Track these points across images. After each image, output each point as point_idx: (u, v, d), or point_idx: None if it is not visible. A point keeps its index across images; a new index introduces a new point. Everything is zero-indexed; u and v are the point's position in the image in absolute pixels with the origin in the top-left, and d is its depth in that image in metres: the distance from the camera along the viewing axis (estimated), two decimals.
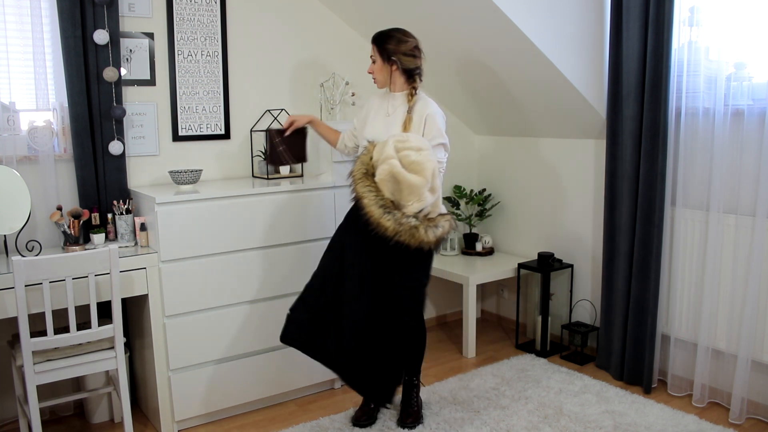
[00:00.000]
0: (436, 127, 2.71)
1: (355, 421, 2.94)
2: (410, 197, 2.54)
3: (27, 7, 2.83)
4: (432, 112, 2.72)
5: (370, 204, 2.53)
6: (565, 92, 3.36)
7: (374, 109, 2.86)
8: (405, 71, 2.74)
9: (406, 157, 2.54)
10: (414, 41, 2.76)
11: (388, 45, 2.73)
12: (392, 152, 2.54)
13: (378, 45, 2.76)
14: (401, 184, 2.52)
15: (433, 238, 2.58)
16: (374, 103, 2.89)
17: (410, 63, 2.74)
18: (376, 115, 2.83)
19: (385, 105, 2.82)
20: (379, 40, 2.76)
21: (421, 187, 2.53)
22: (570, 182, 3.77)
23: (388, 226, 2.51)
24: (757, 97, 2.86)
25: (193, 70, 3.28)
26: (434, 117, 2.71)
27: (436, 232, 2.58)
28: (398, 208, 2.55)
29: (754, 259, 2.85)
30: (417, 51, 2.75)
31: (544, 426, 2.89)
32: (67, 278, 2.46)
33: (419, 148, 2.56)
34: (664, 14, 2.97)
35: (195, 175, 3.03)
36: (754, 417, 2.96)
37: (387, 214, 2.51)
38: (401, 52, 2.72)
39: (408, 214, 2.54)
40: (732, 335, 2.97)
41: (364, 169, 2.61)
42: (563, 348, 3.80)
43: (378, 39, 2.77)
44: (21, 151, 2.88)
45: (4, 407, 3.01)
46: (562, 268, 3.76)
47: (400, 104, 2.77)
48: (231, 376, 3.01)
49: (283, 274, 3.09)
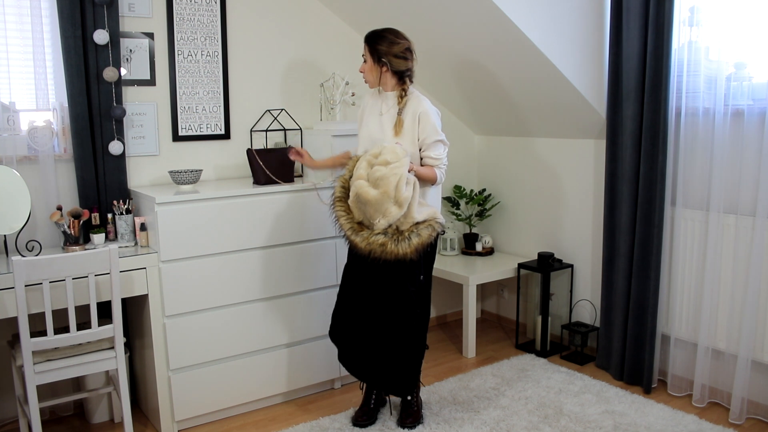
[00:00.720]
0: (430, 124, 2.71)
1: (355, 421, 2.94)
2: (376, 215, 2.56)
3: (27, 7, 2.83)
4: (425, 110, 2.71)
5: (343, 225, 2.64)
6: (565, 92, 3.36)
7: (368, 108, 2.86)
8: (395, 73, 2.73)
9: (374, 173, 2.55)
10: (406, 43, 2.73)
11: (380, 46, 2.71)
12: (362, 171, 2.58)
13: (369, 45, 2.74)
14: (366, 204, 2.55)
15: (409, 249, 2.57)
16: (368, 102, 2.89)
17: (401, 65, 2.72)
18: (371, 114, 2.83)
19: (378, 104, 2.82)
20: (370, 40, 2.74)
21: (382, 202, 2.53)
22: (570, 182, 3.77)
23: (361, 247, 2.58)
24: (757, 97, 2.86)
25: (193, 70, 3.28)
26: (428, 114, 2.70)
27: (410, 243, 2.57)
28: (369, 227, 2.60)
29: (754, 259, 2.85)
30: (408, 53, 2.73)
31: (544, 426, 2.89)
32: (67, 278, 2.46)
33: (387, 161, 2.56)
34: (664, 14, 2.97)
35: (195, 175, 3.03)
36: (754, 417, 2.96)
37: (356, 236, 2.60)
38: (392, 53, 2.70)
39: (376, 232, 2.57)
40: (732, 335, 2.97)
41: (341, 191, 2.68)
42: (563, 348, 3.80)
43: (370, 39, 2.74)
44: (21, 151, 2.88)
45: (4, 407, 3.01)
46: (562, 268, 3.76)
47: (393, 104, 2.77)
48: (231, 376, 3.01)
49: (283, 274, 3.09)
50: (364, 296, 2.78)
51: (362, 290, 2.78)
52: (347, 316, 2.83)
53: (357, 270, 2.78)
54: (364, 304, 2.78)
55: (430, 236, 2.62)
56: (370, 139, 2.79)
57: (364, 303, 2.78)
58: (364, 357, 2.83)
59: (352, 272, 2.82)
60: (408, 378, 2.84)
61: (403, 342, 2.77)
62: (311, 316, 3.19)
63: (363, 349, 2.82)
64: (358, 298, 2.80)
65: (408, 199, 2.55)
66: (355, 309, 2.81)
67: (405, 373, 2.83)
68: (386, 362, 2.79)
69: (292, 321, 3.15)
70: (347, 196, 2.67)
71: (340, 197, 2.68)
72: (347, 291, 2.84)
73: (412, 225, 2.61)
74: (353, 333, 2.83)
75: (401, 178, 2.53)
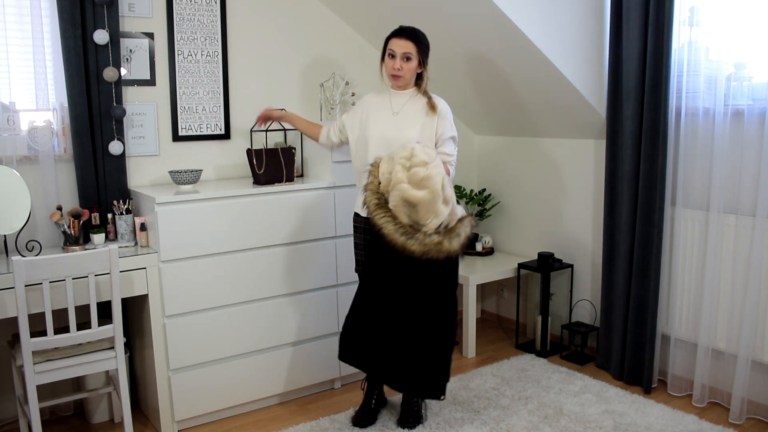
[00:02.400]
0: (448, 121, 2.76)
1: (355, 421, 2.94)
2: (427, 215, 2.54)
3: (27, 7, 2.83)
4: (444, 106, 2.77)
5: (392, 233, 2.53)
6: (565, 92, 3.36)
7: (373, 108, 2.82)
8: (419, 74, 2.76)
9: (415, 175, 2.52)
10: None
11: (427, 47, 2.72)
12: (401, 176, 2.53)
13: (420, 45, 2.69)
14: (415, 206, 2.53)
15: (458, 246, 2.58)
16: (371, 101, 2.85)
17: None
18: (378, 114, 2.79)
19: (385, 103, 2.80)
20: (422, 40, 2.70)
21: (433, 202, 2.53)
22: (570, 182, 3.77)
23: (415, 250, 2.52)
24: (757, 97, 2.86)
25: (193, 70, 3.28)
26: (447, 110, 2.76)
27: (460, 239, 2.58)
28: (418, 229, 2.55)
29: (754, 259, 2.85)
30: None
31: (544, 426, 2.89)
32: (67, 278, 2.46)
33: (425, 162, 2.54)
34: (664, 14, 2.97)
35: (195, 175, 3.03)
36: (754, 417, 2.96)
37: (411, 239, 2.52)
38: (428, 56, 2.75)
39: (429, 233, 2.54)
40: (732, 335, 2.97)
41: (376, 199, 2.59)
42: (563, 348, 3.80)
43: (421, 39, 2.69)
44: (21, 151, 2.88)
45: (4, 407, 3.01)
46: (562, 268, 3.76)
47: (407, 103, 2.75)
48: (231, 376, 3.01)
49: (283, 274, 3.09)
50: (399, 301, 2.71)
51: (398, 295, 2.71)
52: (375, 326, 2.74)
53: (391, 275, 2.70)
54: (400, 309, 2.71)
55: (471, 230, 2.65)
56: (384, 138, 2.73)
57: (399, 308, 2.71)
58: (397, 364, 2.75)
59: (382, 279, 2.73)
60: (443, 377, 2.80)
61: (440, 341, 2.75)
62: (311, 316, 3.19)
63: (396, 357, 2.74)
64: (390, 304, 2.72)
65: (453, 197, 2.61)
66: (386, 316, 2.73)
67: (440, 373, 2.78)
68: (423, 365, 2.74)
69: (292, 321, 3.15)
70: (382, 202, 2.60)
71: (378, 204, 2.59)
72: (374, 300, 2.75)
73: (457, 222, 2.63)
74: (384, 342, 2.74)
75: (444, 177, 2.56)
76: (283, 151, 3.12)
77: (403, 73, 2.70)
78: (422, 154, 2.56)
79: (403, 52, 2.68)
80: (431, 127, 2.73)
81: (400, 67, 2.69)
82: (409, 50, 2.67)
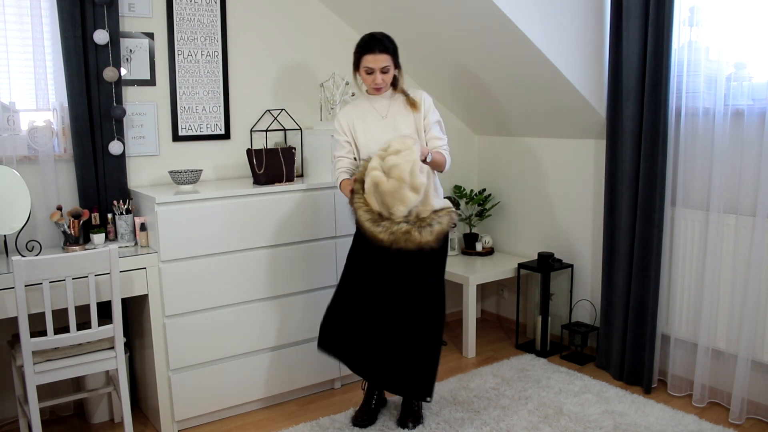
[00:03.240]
0: (431, 108, 2.78)
1: (355, 421, 2.94)
2: (394, 202, 2.53)
3: (27, 7, 2.84)
4: (421, 97, 2.77)
5: (363, 219, 2.58)
6: (565, 92, 3.36)
7: (358, 118, 2.79)
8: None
9: (386, 163, 2.54)
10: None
11: (396, 49, 2.73)
12: (376, 164, 2.56)
13: (393, 53, 2.70)
14: (383, 193, 2.53)
15: (431, 237, 2.56)
16: (352, 113, 2.81)
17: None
18: (366, 122, 2.78)
19: (369, 110, 2.79)
20: (391, 49, 2.70)
21: (398, 189, 2.51)
22: (570, 182, 3.77)
23: (383, 238, 2.54)
24: (757, 97, 2.85)
25: (193, 70, 3.28)
26: (425, 99, 2.78)
27: (432, 230, 2.57)
28: (388, 217, 2.56)
29: (754, 259, 2.85)
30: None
31: (544, 426, 2.89)
32: (67, 278, 2.46)
33: (398, 150, 2.55)
34: (664, 14, 2.97)
35: (195, 175, 3.03)
36: (754, 417, 2.96)
37: (378, 227, 2.55)
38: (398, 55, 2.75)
39: (397, 221, 2.54)
40: (732, 335, 2.97)
41: (356, 185, 2.65)
42: (563, 348, 3.80)
43: (389, 48, 2.69)
44: (21, 151, 2.88)
45: (4, 407, 3.01)
46: (562, 268, 3.76)
47: (390, 104, 2.77)
48: (231, 376, 3.01)
49: (284, 274, 3.10)
50: (378, 294, 2.72)
51: (376, 287, 2.72)
52: (355, 318, 2.76)
53: (369, 267, 2.72)
54: (379, 301, 2.72)
55: (449, 223, 2.63)
56: (377, 144, 2.70)
57: (378, 301, 2.72)
58: (379, 360, 2.76)
59: (362, 270, 2.75)
60: (428, 378, 2.78)
61: (421, 339, 2.73)
62: (311, 316, 3.19)
63: (377, 352, 2.75)
64: (370, 296, 2.74)
65: (424, 185, 2.56)
66: (366, 309, 2.75)
67: (424, 374, 2.77)
68: (404, 363, 2.74)
69: (292, 321, 3.15)
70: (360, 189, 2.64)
71: (357, 190, 2.64)
72: (354, 291, 2.77)
73: (432, 212, 2.61)
74: (364, 335, 2.76)
75: (414, 164, 2.52)
76: (283, 151, 3.12)
77: (384, 84, 2.74)
78: (396, 143, 2.58)
79: (380, 67, 2.68)
80: (419, 120, 2.75)
81: (382, 80, 2.71)
82: (386, 63, 2.68)
